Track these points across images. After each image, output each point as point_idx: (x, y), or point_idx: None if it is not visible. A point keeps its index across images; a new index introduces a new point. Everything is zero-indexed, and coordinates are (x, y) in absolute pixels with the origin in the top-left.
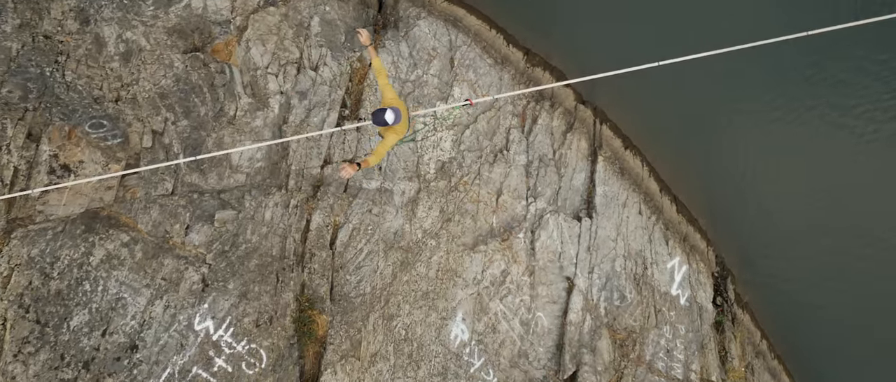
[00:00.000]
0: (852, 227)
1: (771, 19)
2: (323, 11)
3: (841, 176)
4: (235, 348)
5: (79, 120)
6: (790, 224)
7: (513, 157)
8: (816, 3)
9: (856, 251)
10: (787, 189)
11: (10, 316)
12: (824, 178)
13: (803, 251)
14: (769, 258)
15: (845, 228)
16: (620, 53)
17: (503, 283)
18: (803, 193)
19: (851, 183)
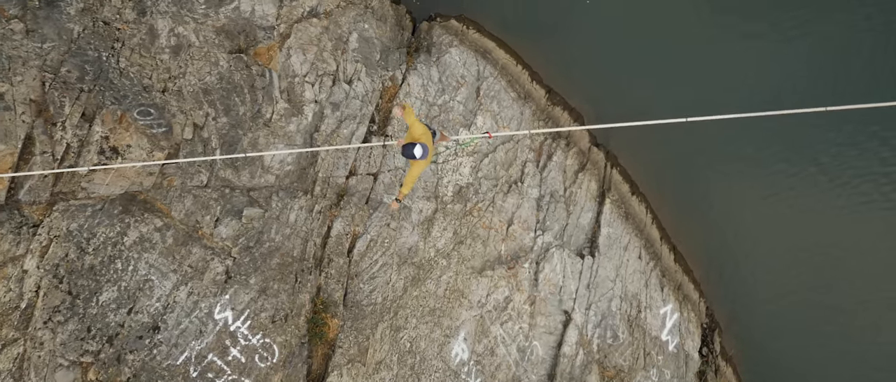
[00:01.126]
0: (840, 290)
1: (784, 90)
2: (362, 29)
3: (831, 240)
4: (250, 340)
5: (128, 105)
6: (781, 284)
7: (526, 190)
8: (821, 80)
9: (842, 316)
10: (780, 251)
11: (44, 285)
12: (816, 242)
13: (791, 311)
14: (757, 316)
15: (833, 291)
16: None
17: (505, 309)
18: (795, 256)
19: (841, 247)
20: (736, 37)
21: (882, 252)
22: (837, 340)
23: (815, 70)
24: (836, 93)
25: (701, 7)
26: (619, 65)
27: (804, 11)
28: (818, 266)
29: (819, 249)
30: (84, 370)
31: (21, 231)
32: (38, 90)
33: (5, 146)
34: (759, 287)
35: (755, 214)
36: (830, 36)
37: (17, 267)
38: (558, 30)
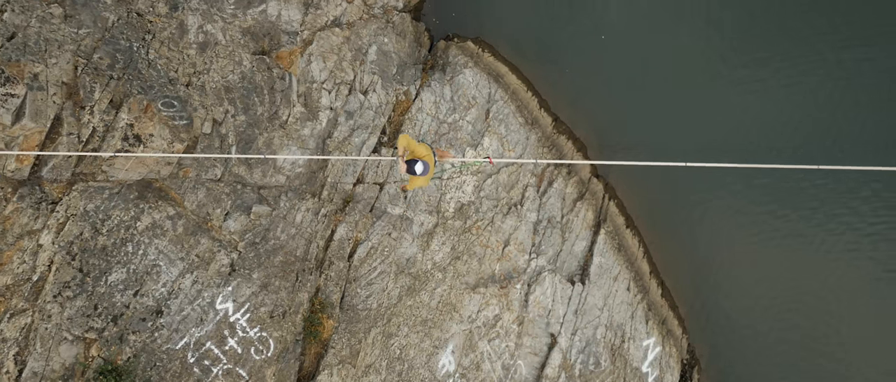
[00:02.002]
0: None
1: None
2: (381, 42)
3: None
4: (248, 333)
5: (154, 96)
6: (762, 326)
7: (525, 213)
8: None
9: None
10: (763, 294)
11: (57, 261)
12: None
13: (771, 353)
14: (737, 356)
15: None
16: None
17: (494, 327)
18: (777, 299)
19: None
20: (743, 86)
21: (861, 299)
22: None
23: (814, 124)
24: (829, 150)
25: (713, 54)
26: (626, 101)
27: (812, 68)
28: (799, 310)
29: (801, 294)
30: (87, 345)
31: (40, 206)
32: (71, 74)
33: (35, 124)
34: (741, 328)
35: (742, 256)
36: (832, 95)
37: (32, 241)
38: (571, 61)
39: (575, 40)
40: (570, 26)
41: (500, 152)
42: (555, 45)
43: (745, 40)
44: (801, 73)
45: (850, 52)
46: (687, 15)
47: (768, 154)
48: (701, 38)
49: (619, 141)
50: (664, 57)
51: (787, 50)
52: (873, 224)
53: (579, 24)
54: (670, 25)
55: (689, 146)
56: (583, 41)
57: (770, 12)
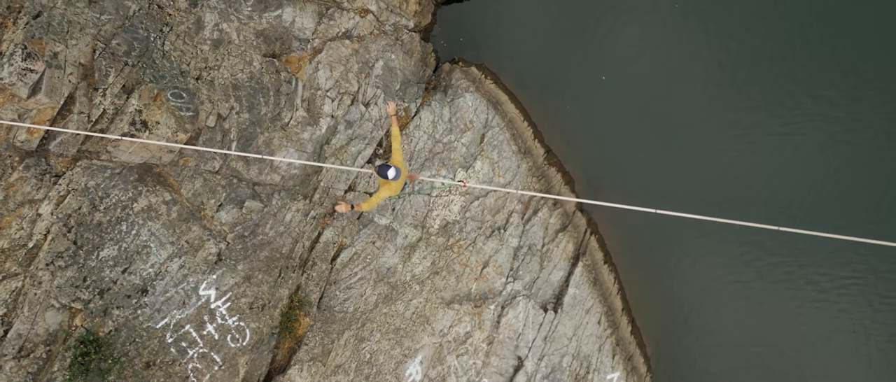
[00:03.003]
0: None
1: (766, 197)
2: (388, 58)
3: (781, 339)
4: (227, 321)
5: (165, 86)
6: (726, 373)
7: (507, 238)
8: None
9: None
10: (731, 341)
11: (54, 231)
12: (766, 339)
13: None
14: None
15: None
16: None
17: (463, 343)
18: (744, 349)
19: (790, 346)
20: (734, 138)
21: (827, 355)
22: None
23: (798, 181)
24: (815, 209)
25: (710, 106)
26: (619, 142)
27: (805, 124)
28: (764, 362)
29: (768, 345)
30: (72, 315)
31: (44, 178)
32: (88, 56)
33: (49, 100)
34: (707, 373)
35: (714, 302)
36: (829, 154)
37: (32, 210)
38: (570, 97)
39: (577, 78)
40: (574, 64)
41: (491, 177)
42: (556, 81)
43: (744, 94)
44: (792, 129)
45: (847, 114)
46: (690, 67)
47: (749, 206)
48: (700, 90)
49: (607, 180)
50: (661, 104)
51: (784, 103)
52: (843, 278)
53: (583, 64)
54: (672, 74)
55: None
56: (584, 80)
57: (773, 69)
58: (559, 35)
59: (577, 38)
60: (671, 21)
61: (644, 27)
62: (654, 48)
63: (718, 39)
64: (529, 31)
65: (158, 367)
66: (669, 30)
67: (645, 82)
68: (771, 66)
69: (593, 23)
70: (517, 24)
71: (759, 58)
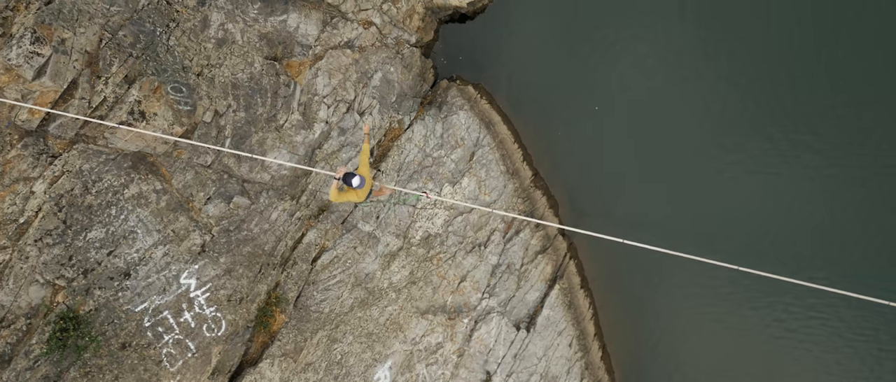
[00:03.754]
0: None
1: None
2: (387, 70)
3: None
4: (204, 310)
5: (166, 79)
6: None
7: (487, 254)
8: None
9: None
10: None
11: (46, 209)
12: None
13: None
14: None
15: None
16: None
17: (434, 353)
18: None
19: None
20: (723, 175)
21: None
22: None
23: (779, 224)
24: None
25: (700, 143)
26: (606, 171)
27: (796, 168)
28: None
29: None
30: (55, 291)
31: (40, 157)
32: (95, 45)
33: (53, 83)
34: None
35: (684, 334)
36: (815, 210)
37: (26, 187)
38: (562, 124)
39: (570, 105)
40: (569, 92)
41: (476, 194)
42: (550, 106)
43: (737, 133)
44: (774, 169)
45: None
46: (680, 103)
47: (728, 241)
48: (689, 126)
49: (591, 207)
50: (649, 137)
51: (769, 145)
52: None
53: (577, 92)
54: (662, 109)
55: (657, 222)
56: (577, 107)
57: (759, 110)
58: (556, 63)
59: (574, 68)
60: (666, 58)
61: (639, 63)
62: (647, 83)
63: (709, 79)
64: (528, 57)
65: (133, 349)
66: (663, 66)
67: (636, 115)
68: (757, 108)
69: (590, 55)
70: (517, 50)
71: (747, 99)
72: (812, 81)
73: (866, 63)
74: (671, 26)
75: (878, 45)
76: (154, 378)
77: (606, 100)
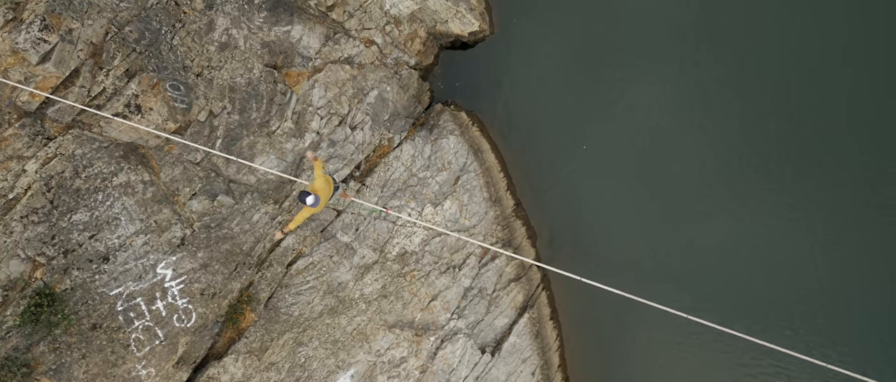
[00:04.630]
0: None
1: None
2: (383, 89)
3: None
4: (177, 301)
5: (165, 77)
6: None
7: (460, 277)
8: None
9: None
10: None
11: (35, 188)
12: None
13: None
14: None
15: None
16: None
17: (397, 367)
18: None
19: None
20: (704, 227)
21: None
22: None
23: (766, 288)
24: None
25: (683, 190)
26: (588, 209)
27: (783, 229)
28: None
29: None
30: (35, 267)
31: (36, 138)
32: (100, 37)
33: (56, 70)
34: None
35: (647, 376)
36: (800, 271)
37: (19, 165)
38: (549, 159)
39: (559, 141)
40: (559, 129)
41: (457, 217)
42: (540, 141)
43: (724, 185)
44: (754, 227)
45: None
46: (672, 151)
47: (702, 286)
48: (679, 175)
49: (568, 243)
50: (637, 181)
51: (755, 201)
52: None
53: (568, 129)
54: (653, 154)
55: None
56: (566, 145)
57: (752, 166)
58: (551, 99)
59: (567, 106)
60: (662, 105)
61: (632, 107)
62: (639, 127)
63: (703, 129)
64: (524, 91)
65: (103, 331)
66: (656, 114)
67: (623, 158)
68: (751, 162)
69: (585, 95)
70: (514, 82)
71: (739, 153)
72: (809, 140)
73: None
74: (670, 73)
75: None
76: (120, 361)
77: (596, 140)
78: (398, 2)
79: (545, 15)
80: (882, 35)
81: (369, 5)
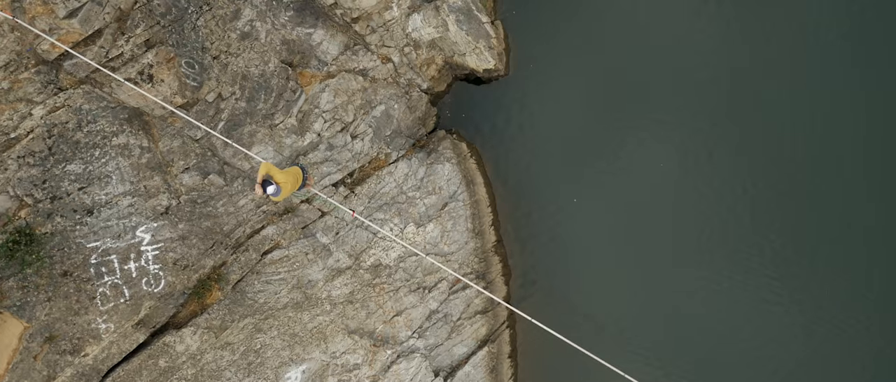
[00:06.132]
0: None
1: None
2: (391, 106)
3: None
4: (149, 266)
5: (182, 53)
6: None
7: (429, 299)
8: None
9: None
10: None
11: (37, 132)
12: None
13: None
14: None
15: None
16: (559, 302)
17: (350, 372)
18: None
19: None
20: (680, 296)
21: None
22: None
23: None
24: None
25: (671, 258)
26: (567, 260)
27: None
28: None
29: None
30: (21, 206)
31: (48, 87)
32: (129, 5)
33: (80, 26)
34: None
35: None
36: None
37: (27, 108)
38: (539, 205)
39: (552, 189)
40: (554, 177)
41: (437, 241)
42: (533, 185)
43: (713, 257)
44: (751, 304)
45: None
46: (665, 217)
47: (679, 378)
48: (667, 242)
49: (542, 291)
50: (622, 241)
51: (743, 275)
52: None
53: (562, 180)
54: (643, 217)
55: (604, 326)
56: (558, 194)
57: (743, 240)
58: (552, 149)
59: (567, 157)
60: (658, 170)
61: (629, 169)
62: (633, 189)
63: (698, 200)
64: (526, 134)
65: (73, 279)
66: (653, 178)
67: (612, 216)
68: (741, 235)
69: (587, 151)
70: (518, 125)
71: (733, 228)
72: (809, 230)
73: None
74: (673, 139)
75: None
76: (83, 311)
77: (588, 195)
78: (421, 27)
79: (560, 66)
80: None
81: (393, 25)
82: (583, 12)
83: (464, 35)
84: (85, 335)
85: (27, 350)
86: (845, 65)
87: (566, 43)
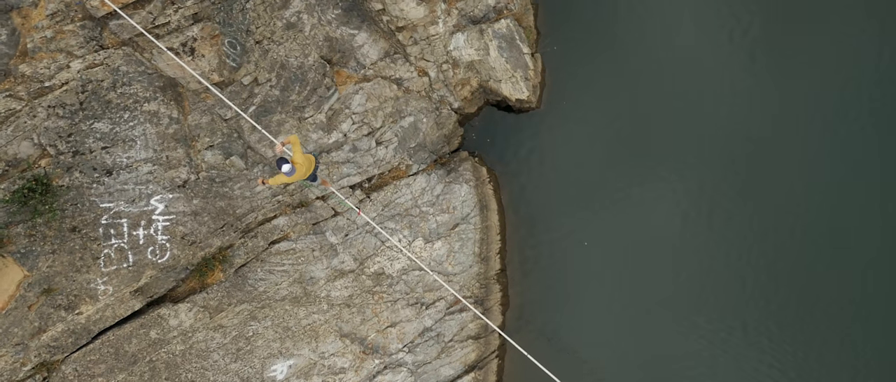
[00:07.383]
0: None
1: None
2: (419, 119)
3: None
4: (157, 235)
5: (227, 32)
6: None
7: (425, 315)
8: None
9: None
10: None
11: (71, 86)
12: None
13: None
14: None
15: None
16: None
17: (335, 374)
18: None
19: None
20: (680, 355)
21: None
22: None
23: None
24: None
25: (674, 313)
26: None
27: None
28: None
29: None
30: (42, 155)
31: (90, 42)
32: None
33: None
34: None
35: None
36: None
37: (66, 60)
38: (549, 242)
39: (564, 229)
40: (568, 217)
41: (442, 260)
42: (546, 221)
43: (713, 315)
44: (729, 359)
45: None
46: (672, 269)
47: None
48: (671, 295)
49: (537, 325)
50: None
51: (739, 333)
52: None
53: (576, 221)
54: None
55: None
56: (569, 234)
57: (743, 298)
58: (569, 188)
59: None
60: (672, 224)
61: (645, 222)
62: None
63: (706, 257)
64: (547, 170)
65: (80, 236)
66: (666, 231)
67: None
68: (741, 294)
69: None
70: (541, 159)
71: (730, 282)
72: (811, 301)
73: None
74: (690, 191)
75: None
76: (85, 269)
77: (599, 240)
78: (463, 47)
79: (590, 109)
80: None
81: (436, 40)
82: (621, 60)
83: (503, 62)
84: (82, 293)
85: (23, 299)
86: (869, 147)
87: (600, 87)
